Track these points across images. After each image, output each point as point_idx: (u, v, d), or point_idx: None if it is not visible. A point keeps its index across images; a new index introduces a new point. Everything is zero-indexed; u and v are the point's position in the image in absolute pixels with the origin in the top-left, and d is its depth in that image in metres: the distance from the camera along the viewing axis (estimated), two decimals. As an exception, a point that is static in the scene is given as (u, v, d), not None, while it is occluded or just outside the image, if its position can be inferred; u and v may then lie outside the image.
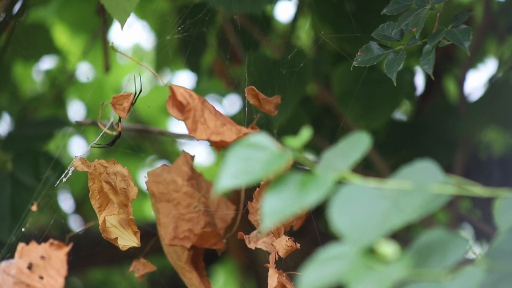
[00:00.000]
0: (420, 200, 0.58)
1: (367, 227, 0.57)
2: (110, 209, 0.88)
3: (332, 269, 0.57)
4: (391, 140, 1.49)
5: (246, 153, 0.62)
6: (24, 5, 1.21)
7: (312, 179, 0.61)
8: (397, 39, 0.89)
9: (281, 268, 0.88)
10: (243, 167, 0.61)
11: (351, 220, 0.58)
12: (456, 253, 0.58)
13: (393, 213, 0.58)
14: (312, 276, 0.56)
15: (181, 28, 1.16)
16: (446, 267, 0.58)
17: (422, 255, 0.59)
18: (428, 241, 0.60)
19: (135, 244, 0.89)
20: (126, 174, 0.89)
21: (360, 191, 0.59)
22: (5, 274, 0.83)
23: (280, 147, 0.63)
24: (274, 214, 0.60)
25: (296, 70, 1.16)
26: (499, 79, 1.57)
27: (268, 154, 0.62)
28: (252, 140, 0.63)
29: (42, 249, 0.83)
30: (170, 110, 0.83)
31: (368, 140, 0.62)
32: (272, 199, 0.61)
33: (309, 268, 0.57)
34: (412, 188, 0.59)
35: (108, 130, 0.93)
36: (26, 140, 1.30)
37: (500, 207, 0.60)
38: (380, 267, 0.56)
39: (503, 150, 1.62)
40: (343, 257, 0.57)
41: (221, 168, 0.61)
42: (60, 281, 0.82)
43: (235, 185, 0.61)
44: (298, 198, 0.60)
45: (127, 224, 0.89)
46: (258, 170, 0.61)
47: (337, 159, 0.62)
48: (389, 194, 0.59)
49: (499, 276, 0.57)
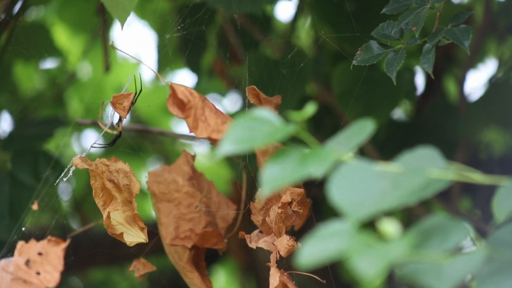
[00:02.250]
0: (419, 181, 0.58)
1: (365, 203, 0.58)
2: (114, 205, 0.88)
3: (332, 245, 0.57)
4: (391, 140, 1.49)
5: (250, 123, 0.63)
6: (24, 5, 1.21)
7: (313, 154, 0.62)
8: (397, 38, 0.89)
9: (283, 267, 0.88)
10: (245, 135, 0.62)
11: (349, 195, 0.58)
12: (456, 237, 0.58)
13: (392, 192, 0.58)
14: (312, 250, 0.56)
15: (181, 27, 1.16)
16: (447, 250, 0.58)
17: (423, 237, 0.59)
18: (430, 224, 0.60)
19: (143, 239, 0.89)
20: (128, 170, 0.89)
21: (360, 170, 0.60)
22: (4, 272, 0.83)
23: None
24: (273, 182, 0.61)
25: (296, 70, 1.16)
26: (499, 79, 1.57)
27: (271, 126, 0.64)
28: (257, 113, 0.64)
29: (40, 246, 0.84)
30: (171, 109, 0.83)
31: (371, 127, 0.62)
32: (272, 168, 0.62)
33: (309, 242, 0.57)
34: (411, 169, 0.59)
35: (108, 129, 0.93)
36: (25, 139, 1.30)
37: (499, 195, 0.60)
38: (380, 245, 0.56)
39: (503, 150, 1.62)
40: (343, 233, 0.57)
41: (224, 135, 0.63)
42: (56, 276, 0.83)
43: (236, 150, 0.62)
44: (298, 169, 0.61)
45: (133, 220, 0.89)
46: (260, 139, 0.62)
47: (339, 144, 0.62)
48: (388, 175, 0.59)
49: (499, 264, 0.58)
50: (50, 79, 1.74)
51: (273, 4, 1.23)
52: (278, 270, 0.86)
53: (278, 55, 1.32)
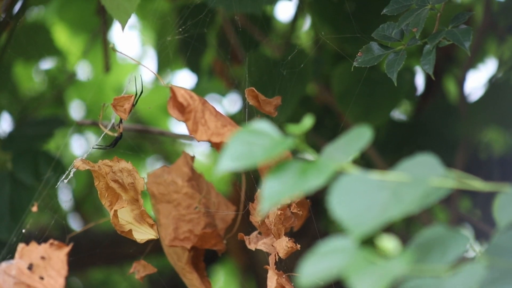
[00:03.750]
0: (419, 191, 0.58)
1: (367, 216, 0.57)
2: (120, 203, 0.88)
3: (332, 263, 0.56)
4: (391, 140, 1.49)
5: (248, 138, 0.63)
6: (24, 5, 1.21)
7: (313, 166, 0.61)
8: (398, 39, 0.89)
9: (282, 269, 0.88)
10: (244, 151, 0.62)
11: (350, 208, 0.58)
12: (456, 250, 0.58)
13: (393, 203, 0.57)
14: (312, 269, 0.56)
15: (181, 28, 1.16)
16: (447, 263, 0.58)
17: (423, 251, 0.59)
18: (429, 237, 0.60)
19: (153, 236, 0.90)
20: (131, 168, 0.89)
21: (360, 181, 0.60)
22: (6, 275, 0.83)
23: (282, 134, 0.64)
24: (273, 197, 0.60)
25: (297, 70, 1.16)
26: (499, 79, 1.57)
27: (270, 140, 0.63)
28: (255, 126, 0.64)
29: (42, 250, 0.83)
30: (171, 111, 0.83)
31: (369, 134, 0.62)
32: (272, 182, 0.61)
33: (309, 261, 0.57)
34: (412, 179, 0.59)
35: (109, 131, 0.93)
36: (26, 139, 1.30)
37: (500, 202, 0.60)
38: (380, 262, 0.56)
39: (503, 150, 1.62)
40: (343, 250, 0.57)
41: (223, 151, 0.62)
42: (60, 282, 0.82)
43: (235, 167, 0.61)
44: (298, 183, 0.60)
45: (142, 218, 0.89)
46: (259, 154, 0.62)
47: (338, 151, 0.62)
48: (389, 185, 0.59)
49: (499, 272, 0.57)
50: (50, 79, 1.74)
51: (273, 4, 1.23)
52: (276, 272, 0.86)
53: (278, 55, 1.32)
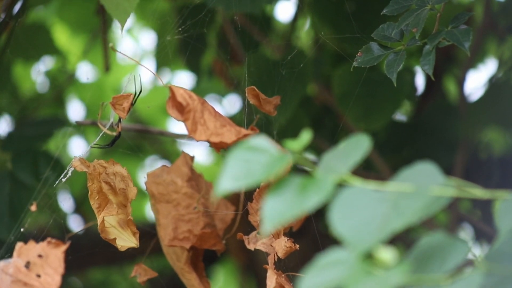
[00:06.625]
0: (420, 202, 0.57)
1: (368, 231, 0.57)
2: (109, 209, 0.88)
3: (332, 275, 0.56)
4: (392, 141, 1.49)
5: (246, 156, 0.62)
6: (24, 5, 1.21)
7: (312, 182, 0.60)
8: (397, 40, 0.89)
9: (281, 269, 0.88)
10: (243, 170, 0.61)
11: (351, 224, 0.57)
12: (456, 258, 0.58)
13: (394, 216, 0.57)
14: (312, 282, 0.56)
15: (181, 28, 1.16)
16: (446, 272, 0.58)
17: (422, 259, 0.59)
18: (428, 246, 0.59)
19: (134, 244, 0.89)
20: (125, 174, 0.89)
21: (360, 194, 0.59)
22: (3, 273, 0.83)
23: (280, 149, 0.63)
24: (274, 218, 0.59)
25: (296, 70, 1.16)
26: (499, 79, 1.57)
27: (268, 157, 0.62)
28: (252, 143, 0.63)
29: (40, 248, 0.83)
30: (170, 111, 0.83)
31: (368, 142, 0.61)
32: (272, 202, 0.60)
33: (309, 273, 0.57)
34: (412, 190, 0.59)
35: (108, 130, 0.93)
36: (25, 139, 1.30)
37: (500, 209, 0.60)
38: (379, 273, 0.56)
39: (503, 150, 1.62)
40: (343, 262, 0.57)
41: (221, 171, 0.61)
42: (57, 279, 0.82)
43: (235, 188, 0.60)
44: (299, 201, 0.60)
45: (126, 224, 0.89)
46: (258, 173, 0.61)
47: (337, 161, 0.61)
48: (389, 197, 0.59)
49: (498, 278, 0.57)
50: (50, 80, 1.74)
51: (273, 4, 1.23)
52: (275, 272, 0.86)
53: (278, 55, 1.32)
